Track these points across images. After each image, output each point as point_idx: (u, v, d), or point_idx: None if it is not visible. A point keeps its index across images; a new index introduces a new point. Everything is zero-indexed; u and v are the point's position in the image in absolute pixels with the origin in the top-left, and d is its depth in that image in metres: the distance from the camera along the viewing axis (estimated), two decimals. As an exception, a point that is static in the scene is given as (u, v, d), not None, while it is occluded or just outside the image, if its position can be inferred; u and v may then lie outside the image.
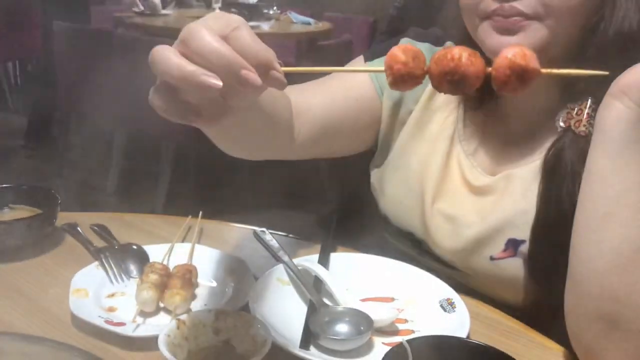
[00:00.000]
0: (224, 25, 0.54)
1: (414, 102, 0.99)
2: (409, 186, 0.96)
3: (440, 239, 0.92)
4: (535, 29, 0.77)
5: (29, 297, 0.86)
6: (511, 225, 0.86)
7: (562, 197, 0.80)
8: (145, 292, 0.81)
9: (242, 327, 0.74)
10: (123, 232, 1.04)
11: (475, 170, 0.92)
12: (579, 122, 0.81)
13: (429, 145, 0.96)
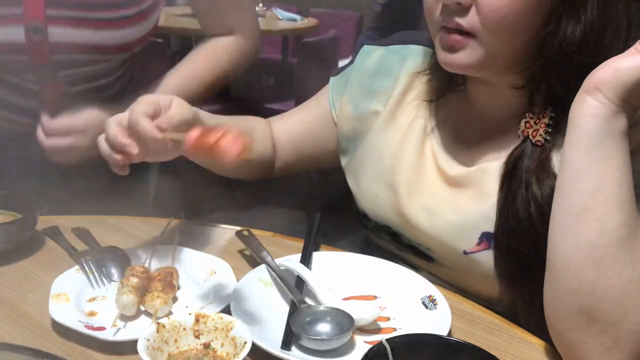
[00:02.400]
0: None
1: (381, 103, 1.01)
2: (383, 180, 0.97)
3: (417, 231, 0.93)
4: (472, 47, 0.80)
5: (9, 303, 0.85)
6: (486, 219, 0.86)
7: (517, 204, 0.82)
8: (126, 296, 0.81)
9: (222, 329, 0.74)
10: (105, 235, 1.03)
11: (450, 160, 0.92)
12: (536, 131, 0.83)
13: (401, 137, 0.97)
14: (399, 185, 0.94)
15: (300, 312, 0.80)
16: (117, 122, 0.78)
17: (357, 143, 1.03)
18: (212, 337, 0.74)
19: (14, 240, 0.96)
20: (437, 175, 0.92)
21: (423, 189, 0.93)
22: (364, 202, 1.00)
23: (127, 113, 0.78)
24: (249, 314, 0.80)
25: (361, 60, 1.05)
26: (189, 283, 0.90)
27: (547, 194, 0.79)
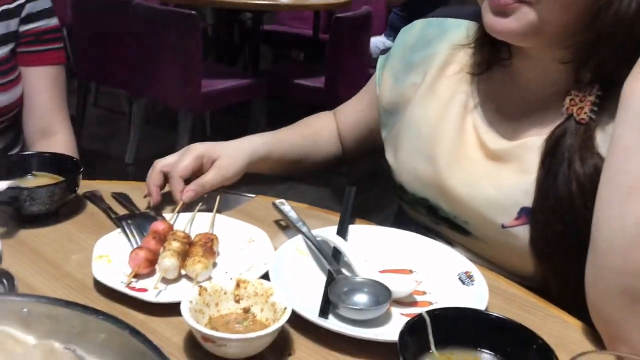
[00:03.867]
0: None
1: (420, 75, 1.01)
2: (421, 152, 0.97)
3: (455, 204, 0.93)
4: (524, 12, 0.78)
5: (53, 263, 0.88)
6: (525, 194, 0.86)
7: (557, 182, 0.81)
8: (167, 260, 0.82)
9: (262, 295, 0.75)
10: (143, 200, 1.05)
11: (492, 134, 0.92)
12: (581, 109, 0.81)
13: (440, 110, 0.96)
14: (438, 157, 0.94)
15: (338, 282, 0.81)
16: (158, 169, 1.02)
17: (395, 116, 1.03)
18: (251, 302, 0.76)
19: (57, 202, 0.98)
20: (478, 149, 0.92)
21: (463, 162, 0.93)
22: (402, 175, 1.00)
23: (173, 162, 1.02)
24: (286, 282, 0.81)
25: (403, 34, 1.05)
26: (228, 250, 0.91)
27: (589, 173, 0.78)
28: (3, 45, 1.21)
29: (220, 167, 1.01)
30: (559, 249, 0.83)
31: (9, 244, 0.89)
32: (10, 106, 1.23)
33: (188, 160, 1.00)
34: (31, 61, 1.26)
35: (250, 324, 0.74)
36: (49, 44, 1.28)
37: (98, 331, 0.61)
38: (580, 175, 0.80)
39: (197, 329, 0.67)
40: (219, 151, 1.03)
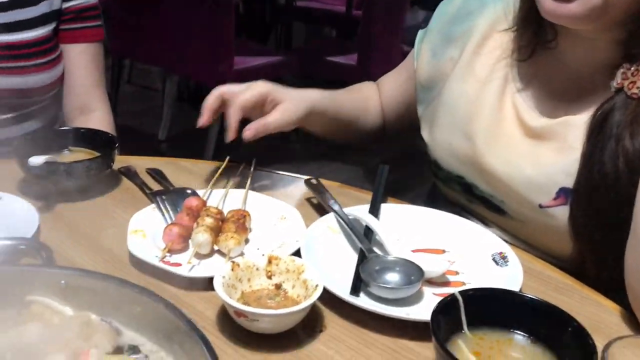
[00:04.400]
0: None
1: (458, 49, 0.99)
2: (458, 128, 0.95)
3: (492, 182, 0.91)
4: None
5: (89, 237, 0.89)
6: (565, 174, 0.84)
7: (604, 158, 0.79)
8: (201, 235, 0.83)
9: (293, 271, 0.76)
10: (177, 176, 1.06)
11: (532, 111, 0.89)
12: (633, 83, 0.79)
13: (479, 85, 0.94)
14: (475, 134, 0.92)
15: (370, 261, 0.80)
16: (217, 94, 0.99)
17: (432, 92, 1.01)
18: (283, 279, 0.76)
19: (93, 177, 0.99)
20: (517, 126, 0.90)
21: (501, 139, 0.91)
22: (437, 151, 0.99)
23: (236, 91, 0.99)
24: (317, 259, 0.81)
25: (444, 5, 1.03)
26: (260, 227, 0.91)
27: (639, 149, 0.76)
28: (46, 24, 1.23)
29: (284, 110, 0.97)
30: (599, 228, 0.81)
31: (47, 217, 0.91)
32: (52, 84, 1.25)
33: (253, 93, 0.96)
34: (71, 38, 1.28)
35: (282, 300, 0.74)
36: (88, 21, 1.29)
37: (133, 304, 0.62)
38: (629, 151, 0.77)
39: (230, 303, 0.68)
40: (285, 95, 0.98)
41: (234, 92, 0.98)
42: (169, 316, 0.59)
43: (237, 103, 0.95)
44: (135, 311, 0.62)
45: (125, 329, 0.62)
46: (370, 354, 0.69)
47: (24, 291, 0.64)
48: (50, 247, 0.74)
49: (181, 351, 0.59)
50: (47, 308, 0.63)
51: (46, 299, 0.64)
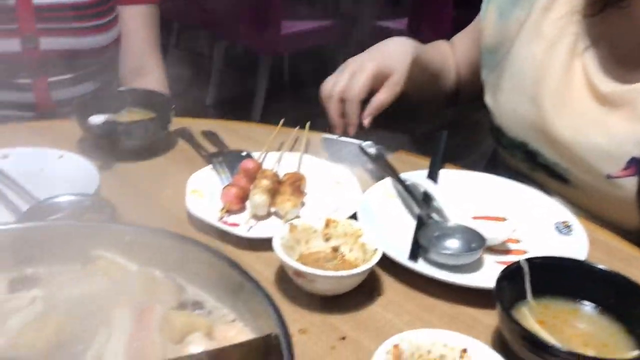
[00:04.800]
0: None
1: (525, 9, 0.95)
2: (524, 92, 0.92)
3: (557, 149, 0.88)
4: None
5: (147, 196, 0.91)
6: (637, 144, 0.80)
7: None
8: (258, 197, 0.83)
9: (351, 235, 0.75)
10: (231, 139, 1.06)
11: (603, 76, 0.85)
12: None
13: (547, 48, 0.90)
14: (542, 98, 0.89)
15: (429, 227, 0.79)
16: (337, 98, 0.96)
17: (497, 55, 0.98)
18: (341, 242, 0.75)
19: (150, 137, 1.00)
20: (587, 92, 0.86)
21: (570, 104, 0.87)
22: (501, 117, 0.96)
23: (346, 86, 0.95)
24: (374, 224, 0.80)
25: None
26: (315, 190, 0.91)
27: None
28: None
29: (392, 84, 0.95)
30: None
31: (106, 176, 0.92)
32: (109, 46, 1.26)
33: (365, 81, 0.93)
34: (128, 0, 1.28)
35: (339, 263, 0.74)
36: None
37: (197, 262, 0.63)
38: None
39: (289, 264, 0.68)
40: (390, 68, 0.95)
41: (344, 88, 0.94)
42: (232, 274, 0.59)
43: (356, 98, 0.93)
44: (198, 268, 0.62)
45: (188, 286, 0.63)
46: (429, 319, 0.69)
47: (89, 246, 0.65)
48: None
49: (244, 309, 0.59)
50: (112, 263, 0.64)
51: (112, 255, 0.65)
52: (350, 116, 0.94)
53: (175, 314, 0.58)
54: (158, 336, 0.56)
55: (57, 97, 1.25)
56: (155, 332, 0.56)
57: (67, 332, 0.55)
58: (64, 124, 1.10)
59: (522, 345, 0.59)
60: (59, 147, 0.98)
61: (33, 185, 0.87)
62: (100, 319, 0.57)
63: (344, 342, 0.65)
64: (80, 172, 0.91)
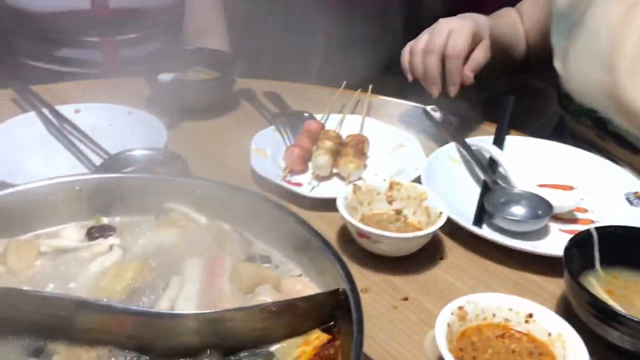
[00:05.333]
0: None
1: None
2: (597, 57, 0.88)
3: (631, 116, 0.85)
4: None
5: (211, 154, 0.93)
6: None
7: None
8: (321, 157, 0.84)
9: (415, 198, 0.75)
10: (294, 100, 1.07)
11: None
12: None
13: (625, 9, 0.86)
14: (617, 64, 0.85)
15: (494, 192, 0.78)
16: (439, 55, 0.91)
17: (570, 18, 0.94)
18: (404, 205, 0.75)
19: (215, 96, 1.02)
20: None
21: None
22: (570, 83, 0.93)
23: (444, 44, 0.90)
24: (438, 188, 0.79)
25: None
26: (378, 153, 0.91)
27: None
28: None
29: (485, 48, 0.92)
30: None
31: (172, 133, 0.95)
32: (174, 6, 1.28)
33: (467, 39, 0.90)
34: None
35: (402, 226, 0.74)
36: None
37: (265, 217, 0.64)
38: None
39: (353, 224, 0.69)
40: (482, 32, 0.93)
41: (443, 46, 0.90)
42: (300, 231, 0.60)
43: (460, 55, 0.89)
44: (266, 224, 0.63)
45: (255, 240, 0.65)
46: (492, 284, 0.68)
47: (162, 198, 0.67)
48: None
49: (310, 265, 0.60)
50: (183, 216, 0.66)
51: (182, 207, 0.67)
52: (453, 73, 0.89)
53: (244, 266, 0.60)
54: (228, 286, 0.58)
55: (123, 55, 1.28)
56: (226, 282, 0.58)
57: (143, 278, 0.57)
58: (131, 81, 1.13)
59: (590, 313, 0.58)
60: (127, 104, 1.01)
61: (103, 140, 0.90)
62: (174, 268, 0.59)
63: (405, 302, 0.66)
64: (148, 129, 0.94)
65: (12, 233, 0.63)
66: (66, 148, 0.91)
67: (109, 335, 0.50)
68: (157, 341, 0.50)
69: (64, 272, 0.59)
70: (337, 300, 0.53)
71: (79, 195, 0.66)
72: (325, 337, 0.54)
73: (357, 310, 0.51)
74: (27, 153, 0.89)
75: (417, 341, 0.61)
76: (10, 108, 1.02)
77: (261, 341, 0.52)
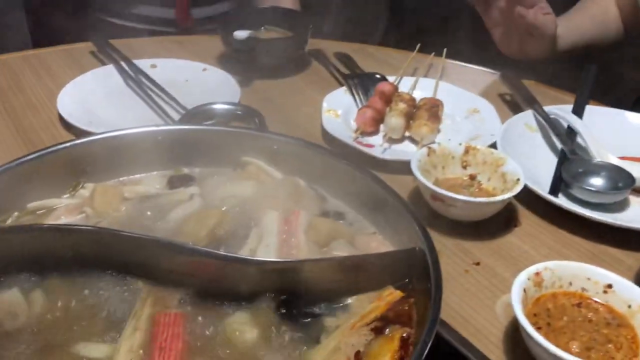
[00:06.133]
0: None
1: None
2: None
3: None
4: None
5: (284, 112, 0.93)
6: None
7: None
8: (394, 119, 0.83)
9: (491, 164, 0.74)
10: (364, 62, 1.06)
11: None
12: None
13: None
14: None
15: (572, 162, 0.76)
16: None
17: None
18: (479, 170, 0.74)
19: (288, 55, 1.02)
20: None
21: None
22: None
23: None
24: (514, 155, 0.78)
25: None
26: (451, 117, 0.90)
27: None
28: None
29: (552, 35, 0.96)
30: None
31: (245, 91, 0.96)
32: None
33: None
34: None
35: (476, 191, 0.73)
36: None
37: (340, 175, 0.64)
38: None
39: (428, 186, 0.68)
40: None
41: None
42: (376, 190, 0.60)
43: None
44: (341, 181, 0.64)
45: (330, 197, 0.65)
46: (567, 254, 0.67)
47: (240, 152, 0.68)
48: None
49: (385, 223, 0.60)
50: (260, 169, 0.67)
51: (259, 161, 0.68)
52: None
53: (321, 220, 0.61)
54: (304, 239, 0.59)
55: (197, 13, 1.29)
56: (302, 235, 0.59)
57: (224, 227, 0.59)
58: (205, 39, 1.14)
59: (673, 288, 0.56)
60: (202, 60, 1.02)
61: (178, 95, 0.92)
62: (252, 219, 0.61)
63: (478, 267, 0.66)
64: (223, 85, 0.95)
65: (97, 179, 0.66)
66: (143, 101, 0.94)
67: (192, 278, 0.52)
68: (238, 286, 0.51)
69: (148, 217, 0.61)
70: (413, 259, 0.54)
71: (161, 145, 0.67)
72: (398, 294, 0.54)
73: (435, 268, 0.51)
74: (106, 104, 0.92)
75: (489, 305, 0.61)
76: (89, 61, 1.06)
77: (336, 294, 0.53)
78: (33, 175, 0.62)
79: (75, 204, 0.63)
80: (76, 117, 0.85)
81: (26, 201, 0.62)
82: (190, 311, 0.50)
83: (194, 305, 0.51)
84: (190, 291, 0.52)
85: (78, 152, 0.65)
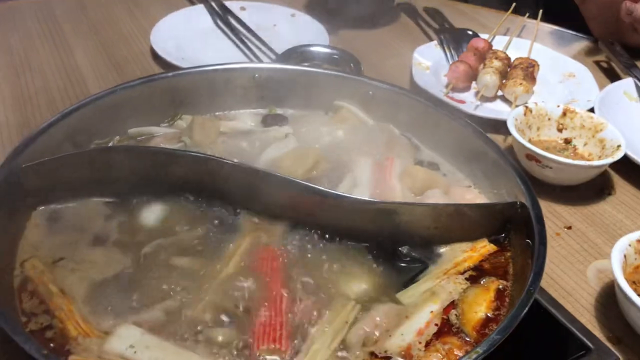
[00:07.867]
0: None
1: None
2: None
3: None
4: None
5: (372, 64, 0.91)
6: None
7: None
8: (488, 76, 0.81)
9: (589, 129, 0.71)
10: (454, 18, 1.03)
11: None
12: None
13: None
14: None
15: (677, 134, 0.73)
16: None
17: None
18: (575, 134, 0.72)
19: (377, 7, 1.00)
20: None
21: None
22: None
23: None
24: (612, 122, 0.75)
25: None
26: (546, 80, 0.86)
27: None
28: None
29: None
30: None
31: (333, 40, 0.94)
32: None
33: None
34: None
35: (571, 155, 0.71)
36: None
37: (436, 125, 0.63)
38: None
39: (524, 145, 0.66)
40: None
41: None
42: (476, 143, 0.59)
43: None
44: (437, 132, 0.63)
45: (424, 147, 0.65)
46: (665, 227, 0.65)
47: (334, 95, 0.68)
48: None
49: (482, 176, 0.59)
50: (352, 114, 0.67)
51: (352, 106, 0.67)
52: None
53: (416, 168, 0.60)
54: (399, 185, 0.58)
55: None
56: (396, 181, 0.59)
57: (320, 168, 0.59)
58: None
59: None
60: (290, 6, 1.02)
61: (266, 39, 0.92)
62: (346, 163, 0.61)
63: (569, 231, 0.64)
64: (310, 32, 0.94)
65: (194, 111, 0.67)
66: (233, 43, 0.94)
67: (290, 212, 0.53)
68: (334, 223, 0.52)
69: (245, 151, 0.62)
70: (513, 212, 0.53)
71: (257, 83, 0.68)
72: (492, 247, 0.54)
73: (540, 223, 0.50)
74: (197, 43, 0.93)
75: (580, 270, 0.59)
76: (180, 0, 1.06)
77: (430, 241, 0.53)
78: (133, 102, 0.64)
79: (173, 133, 0.65)
80: (169, 53, 0.87)
81: (127, 127, 0.64)
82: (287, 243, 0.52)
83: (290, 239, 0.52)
84: (289, 225, 0.52)
85: (177, 84, 0.66)
